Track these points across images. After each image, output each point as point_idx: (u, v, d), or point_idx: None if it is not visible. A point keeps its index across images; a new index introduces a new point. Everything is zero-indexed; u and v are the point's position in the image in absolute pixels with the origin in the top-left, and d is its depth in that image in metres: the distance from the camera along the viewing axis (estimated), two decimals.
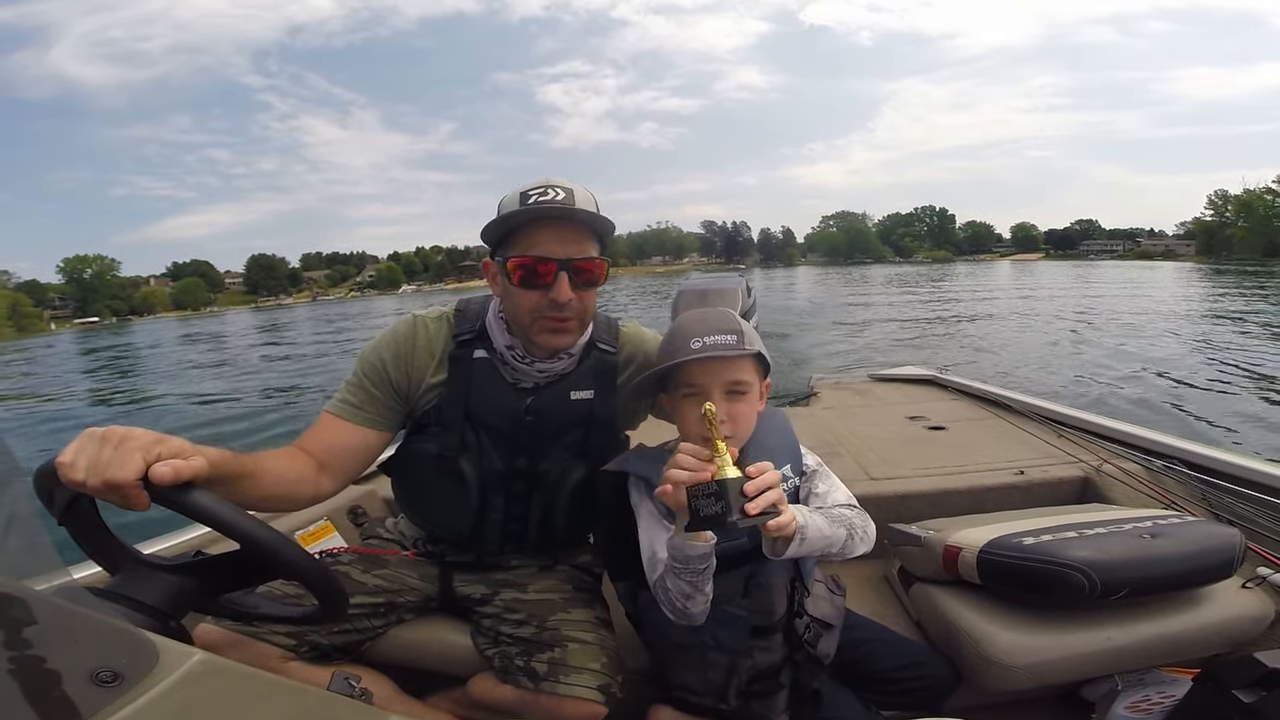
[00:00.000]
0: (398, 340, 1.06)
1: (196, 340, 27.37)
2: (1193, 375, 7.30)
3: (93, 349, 28.80)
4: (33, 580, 0.52)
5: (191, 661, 0.41)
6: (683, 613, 0.87)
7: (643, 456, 0.99)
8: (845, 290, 30.23)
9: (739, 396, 0.91)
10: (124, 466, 0.63)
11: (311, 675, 0.98)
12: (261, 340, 24.04)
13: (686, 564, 0.83)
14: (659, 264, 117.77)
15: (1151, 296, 19.53)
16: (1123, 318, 13.85)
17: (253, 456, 0.87)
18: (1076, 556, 1.03)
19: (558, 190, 0.93)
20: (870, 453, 1.93)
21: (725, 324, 0.92)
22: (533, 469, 1.07)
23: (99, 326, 71.07)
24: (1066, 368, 8.28)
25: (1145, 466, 1.64)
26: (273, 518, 1.44)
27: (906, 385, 2.95)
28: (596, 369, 1.08)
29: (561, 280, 0.94)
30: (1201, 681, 1.02)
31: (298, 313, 55.36)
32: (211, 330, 35.66)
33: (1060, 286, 26.55)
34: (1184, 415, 5.64)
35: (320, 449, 1.01)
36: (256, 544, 0.67)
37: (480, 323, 1.07)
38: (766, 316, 2.28)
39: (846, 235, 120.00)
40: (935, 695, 1.08)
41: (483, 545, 1.12)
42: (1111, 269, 48.02)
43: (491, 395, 1.04)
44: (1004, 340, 11.25)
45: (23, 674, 0.38)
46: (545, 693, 0.97)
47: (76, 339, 45.10)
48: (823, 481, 1.02)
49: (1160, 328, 11.94)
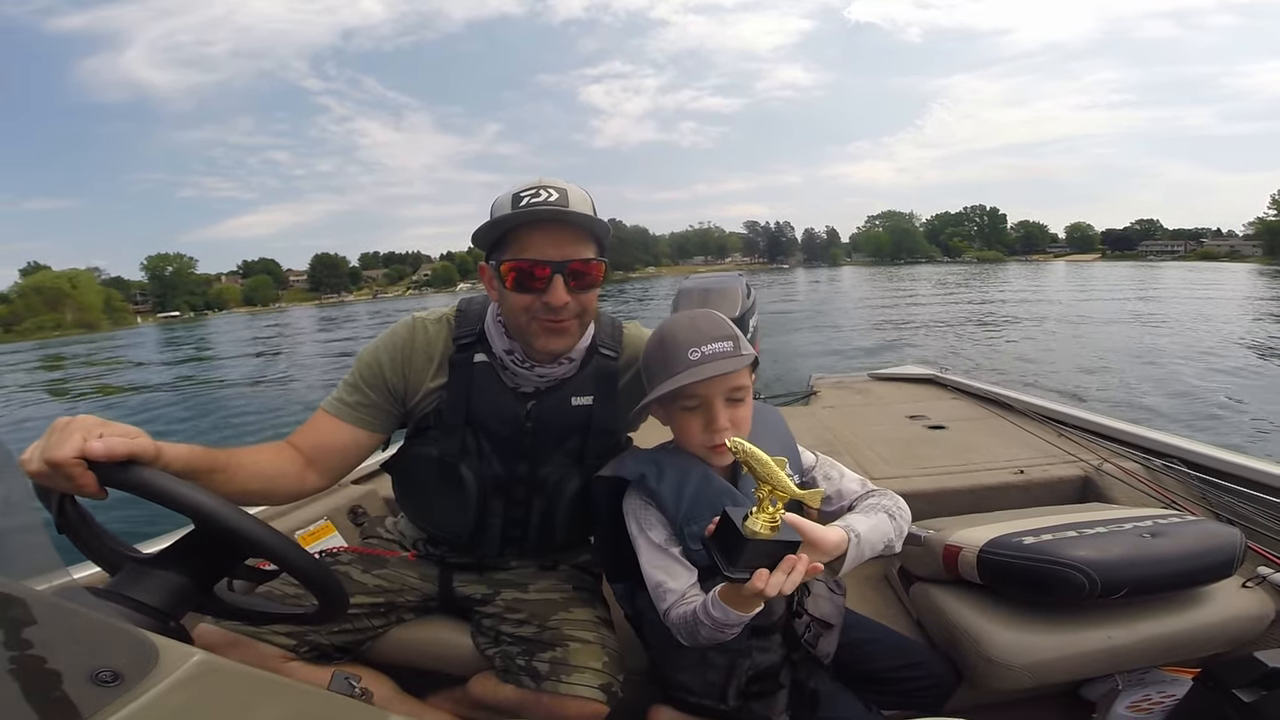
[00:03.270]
0: (396, 343, 1.05)
1: (272, 332, 29.18)
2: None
3: (181, 340, 31.06)
4: (33, 580, 0.52)
5: (191, 661, 0.41)
6: (701, 645, 0.87)
7: (639, 458, 0.98)
8: (870, 291, 29.86)
9: (739, 402, 0.91)
10: (62, 446, 0.65)
11: (311, 675, 0.98)
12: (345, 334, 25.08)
13: (729, 628, 0.81)
14: (701, 264, 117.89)
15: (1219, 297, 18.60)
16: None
17: (229, 451, 0.87)
18: (1076, 556, 1.03)
19: (550, 191, 0.91)
20: (870, 452, 1.93)
21: (719, 329, 0.90)
22: (533, 475, 1.07)
23: (179, 321, 76.72)
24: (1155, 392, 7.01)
25: (1145, 466, 1.64)
26: (276, 516, 1.44)
27: (906, 384, 2.95)
28: (597, 374, 1.06)
29: (556, 283, 0.91)
30: (1202, 681, 1.02)
31: (358, 309, 57.49)
32: (282, 322, 38.08)
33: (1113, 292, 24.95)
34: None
35: (309, 445, 1.01)
36: (204, 515, 0.67)
37: (480, 326, 1.05)
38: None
39: (892, 235, 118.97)
40: (935, 695, 1.08)
41: (482, 549, 1.12)
42: (1173, 270, 46.71)
43: (492, 400, 1.03)
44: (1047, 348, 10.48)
45: (23, 674, 0.38)
46: (547, 692, 0.97)
47: (160, 331, 47.76)
48: (831, 469, 1.02)
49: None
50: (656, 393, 0.90)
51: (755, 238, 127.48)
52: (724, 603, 0.80)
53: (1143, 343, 10.60)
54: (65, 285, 73.37)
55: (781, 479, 0.71)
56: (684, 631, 0.87)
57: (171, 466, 0.74)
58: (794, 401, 3.03)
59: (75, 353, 28.09)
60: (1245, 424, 5.73)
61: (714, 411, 0.89)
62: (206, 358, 19.97)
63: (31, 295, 71.19)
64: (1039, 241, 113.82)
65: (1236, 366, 8.32)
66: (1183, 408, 6.32)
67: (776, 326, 14.07)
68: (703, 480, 0.93)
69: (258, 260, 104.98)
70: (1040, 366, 8.87)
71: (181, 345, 27.58)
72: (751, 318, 1.98)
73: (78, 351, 28.71)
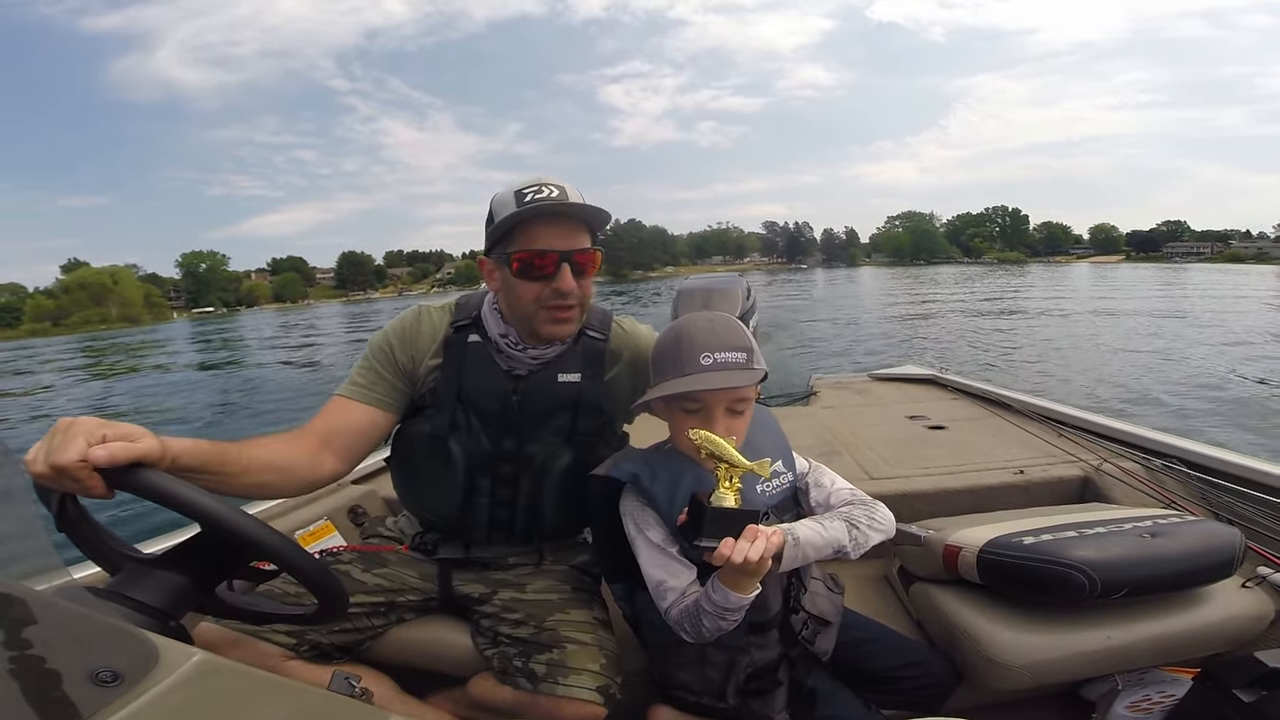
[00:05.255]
0: (404, 326, 1.10)
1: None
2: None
3: (221, 331, 33.11)
4: (33, 580, 0.52)
5: (191, 661, 0.41)
6: (705, 639, 0.88)
7: (633, 459, 0.98)
8: (890, 285, 29.99)
9: (739, 414, 0.91)
10: (66, 450, 0.65)
11: (311, 675, 0.98)
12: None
13: (731, 612, 0.83)
14: (720, 264, 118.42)
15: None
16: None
17: (238, 444, 0.88)
18: (1076, 556, 1.03)
19: (553, 188, 0.97)
20: (870, 452, 1.93)
21: (737, 339, 0.90)
22: (520, 451, 1.08)
23: (213, 316, 78.81)
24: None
25: (1145, 466, 1.64)
26: (276, 516, 1.44)
27: (906, 385, 2.94)
28: (585, 354, 1.10)
29: (565, 271, 0.97)
30: (1201, 681, 1.02)
31: (385, 305, 58.87)
32: (313, 318, 39.73)
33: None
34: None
35: (325, 428, 1.02)
36: (207, 517, 0.67)
37: (476, 312, 1.10)
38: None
39: (912, 235, 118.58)
40: (935, 695, 1.08)
41: (470, 533, 1.13)
42: (1200, 273, 46.03)
43: (482, 377, 1.07)
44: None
45: (23, 674, 0.38)
46: (544, 694, 0.97)
47: (196, 326, 49.32)
48: (823, 476, 1.02)
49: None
50: (663, 391, 0.90)
51: (774, 238, 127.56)
52: (724, 585, 0.82)
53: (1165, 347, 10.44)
54: (107, 281, 76.31)
55: (731, 453, 0.79)
56: (687, 626, 0.88)
57: (180, 462, 0.74)
58: (794, 402, 3.03)
59: (134, 341, 30.14)
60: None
61: (713, 419, 0.89)
62: (245, 347, 21.59)
63: (76, 290, 74.22)
64: (1062, 242, 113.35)
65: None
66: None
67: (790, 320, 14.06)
68: (695, 481, 0.92)
69: (286, 258, 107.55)
70: (1062, 370, 8.78)
71: (214, 337, 29.32)
72: (751, 318, 1.99)
73: (130, 342, 30.84)
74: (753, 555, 0.76)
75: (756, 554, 0.76)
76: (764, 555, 0.77)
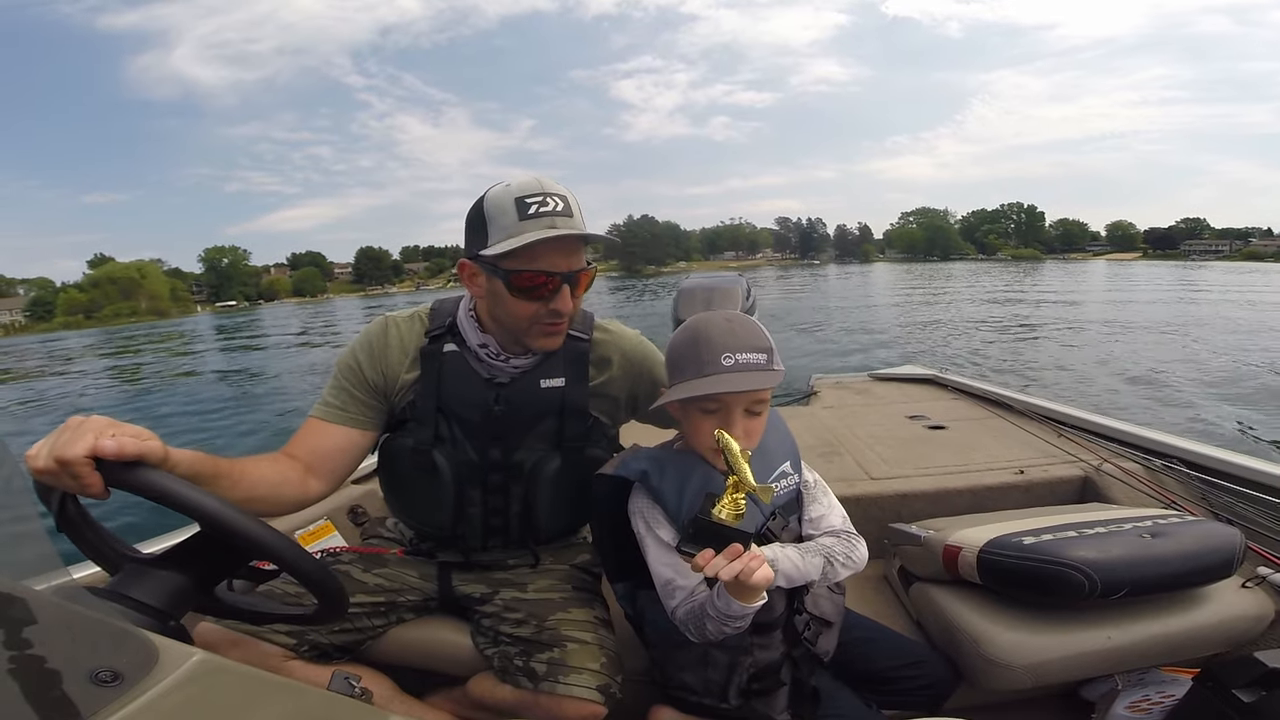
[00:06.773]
0: (370, 341, 1.07)
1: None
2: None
3: (250, 323, 34.31)
4: (33, 580, 0.52)
5: (191, 661, 0.41)
6: (709, 640, 0.88)
7: (642, 458, 0.98)
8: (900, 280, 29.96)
9: (756, 415, 0.91)
10: (74, 445, 0.65)
11: (311, 675, 0.98)
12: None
13: (734, 620, 0.82)
14: (732, 259, 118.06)
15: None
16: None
17: (231, 460, 0.88)
18: (1076, 556, 1.03)
19: (556, 200, 0.93)
20: (870, 452, 1.93)
21: (756, 339, 0.90)
22: (507, 460, 1.08)
23: (235, 310, 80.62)
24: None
25: (1145, 466, 1.64)
26: (275, 516, 1.44)
27: (907, 385, 2.94)
28: (568, 357, 1.08)
29: (564, 292, 0.96)
30: (1201, 681, 1.02)
31: (402, 300, 59.72)
32: (330, 310, 41.19)
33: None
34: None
35: (305, 452, 1.01)
36: (208, 517, 0.67)
37: (450, 320, 1.08)
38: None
39: (926, 232, 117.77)
40: (935, 695, 1.08)
41: (466, 541, 1.12)
42: (1220, 273, 44.70)
43: (461, 387, 1.05)
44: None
45: (23, 674, 0.38)
46: (545, 693, 0.97)
47: (222, 319, 50.23)
48: (823, 495, 1.02)
49: None
50: (685, 392, 0.88)
51: (787, 233, 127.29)
52: (728, 593, 0.81)
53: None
54: (135, 275, 78.63)
55: (744, 470, 0.76)
56: (692, 626, 0.88)
57: (176, 470, 0.74)
58: (794, 402, 3.03)
59: (175, 331, 31.03)
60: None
61: (732, 420, 0.88)
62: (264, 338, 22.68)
63: (106, 285, 77.17)
64: (1078, 240, 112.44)
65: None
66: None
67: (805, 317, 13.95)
68: (704, 481, 0.92)
69: (305, 253, 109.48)
70: (1073, 372, 8.62)
71: (240, 329, 30.14)
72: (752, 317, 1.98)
73: (171, 331, 31.86)
74: (725, 575, 0.74)
75: (729, 575, 0.74)
76: (740, 578, 0.75)
